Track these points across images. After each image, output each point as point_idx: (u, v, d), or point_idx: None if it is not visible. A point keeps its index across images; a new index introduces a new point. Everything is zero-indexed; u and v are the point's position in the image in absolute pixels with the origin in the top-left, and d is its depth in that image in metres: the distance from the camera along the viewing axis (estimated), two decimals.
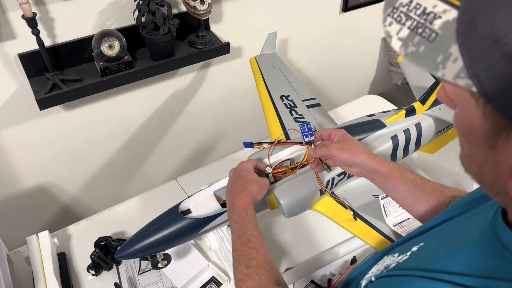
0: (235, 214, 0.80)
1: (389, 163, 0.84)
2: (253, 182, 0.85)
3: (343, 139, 0.88)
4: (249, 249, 0.73)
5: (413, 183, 0.81)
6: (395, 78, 2.33)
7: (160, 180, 1.91)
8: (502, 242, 0.43)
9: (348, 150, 0.85)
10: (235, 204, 0.82)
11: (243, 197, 0.82)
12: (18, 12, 1.19)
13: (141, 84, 1.59)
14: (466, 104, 0.37)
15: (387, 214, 0.99)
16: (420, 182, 0.81)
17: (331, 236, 1.20)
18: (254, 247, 0.74)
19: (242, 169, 0.89)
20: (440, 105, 1.15)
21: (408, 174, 0.82)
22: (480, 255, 0.45)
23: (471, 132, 0.39)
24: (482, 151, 0.38)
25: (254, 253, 0.73)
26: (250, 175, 0.87)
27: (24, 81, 1.35)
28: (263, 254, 0.73)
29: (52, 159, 1.60)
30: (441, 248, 0.52)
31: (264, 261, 0.71)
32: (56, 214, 1.77)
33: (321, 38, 2.01)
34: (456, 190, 0.81)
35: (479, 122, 0.37)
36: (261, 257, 0.72)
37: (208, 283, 1.12)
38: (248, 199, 0.82)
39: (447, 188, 0.81)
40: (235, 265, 0.74)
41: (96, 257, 1.10)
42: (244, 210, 0.80)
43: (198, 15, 1.40)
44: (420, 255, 0.54)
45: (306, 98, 1.25)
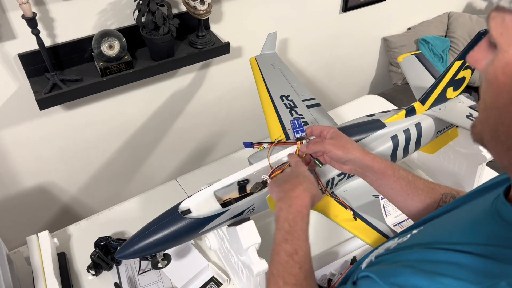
0: (290, 211, 0.74)
1: (382, 160, 0.84)
2: (315, 186, 0.81)
3: (337, 136, 0.88)
4: (294, 263, 0.68)
5: (406, 180, 0.82)
6: (395, 78, 2.33)
7: (160, 180, 1.91)
8: (501, 215, 0.45)
9: (342, 147, 0.85)
10: (294, 200, 0.76)
11: (303, 196, 0.76)
12: (18, 12, 1.19)
13: (141, 84, 1.59)
14: (511, 38, 0.38)
15: (387, 214, 0.99)
16: (412, 179, 0.82)
17: (331, 236, 1.20)
18: (299, 262, 0.68)
19: (305, 171, 0.85)
20: (440, 105, 1.15)
21: (400, 171, 0.83)
22: (480, 228, 0.46)
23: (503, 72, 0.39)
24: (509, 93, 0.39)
25: (297, 269, 0.68)
26: (311, 178, 0.82)
27: (24, 81, 1.35)
28: (306, 272, 0.68)
29: (52, 159, 1.60)
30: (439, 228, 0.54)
31: (305, 281, 0.67)
32: (56, 214, 1.77)
33: (321, 38, 2.01)
34: (447, 188, 0.82)
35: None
36: (303, 276, 0.67)
37: (208, 283, 1.12)
38: (308, 202, 0.76)
39: (439, 186, 0.82)
40: (273, 271, 0.70)
41: (96, 257, 1.10)
42: (301, 213, 0.74)
43: (198, 15, 1.40)
44: (421, 235, 0.55)
45: (306, 98, 1.25)
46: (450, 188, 0.81)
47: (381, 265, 0.52)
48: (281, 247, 0.71)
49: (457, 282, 0.41)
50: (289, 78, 1.31)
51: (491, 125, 0.43)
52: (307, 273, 0.68)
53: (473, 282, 0.41)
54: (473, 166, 1.20)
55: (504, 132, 0.42)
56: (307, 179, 0.81)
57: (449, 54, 2.29)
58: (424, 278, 0.44)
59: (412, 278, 0.45)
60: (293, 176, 0.82)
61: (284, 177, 0.84)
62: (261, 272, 0.93)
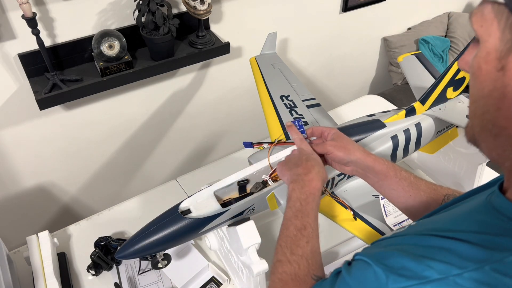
0: (302, 192, 0.77)
1: (384, 161, 0.84)
2: (324, 169, 0.84)
3: (338, 137, 0.88)
4: (302, 236, 0.71)
5: (408, 181, 0.82)
6: (395, 78, 2.33)
7: (160, 180, 1.91)
8: (494, 206, 0.47)
9: (344, 148, 0.85)
10: (306, 182, 0.79)
11: (316, 180, 0.80)
12: (18, 12, 1.19)
13: (141, 84, 1.59)
14: (489, 28, 0.41)
15: (387, 214, 0.99)
16: (415, 181, 0.82)
17: (331, 236, 1.20)
18: (307, 236, 0.72)
19: (313, 153, 0.87)
20: (440, 105, 1.15)
21: (402, 173, 0.83)
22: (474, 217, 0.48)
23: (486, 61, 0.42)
24: (491, 79, 0.42)
25: (304, 242, 0.71)
26: (320, 162, 0.85)
27: (24, 81, 1.35)
28: (312, 246, 0.71)
29: (52, 159, 1.60)
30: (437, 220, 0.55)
31: (310, 254, 0.70)
32: (56, 214, 1.77)
33: (321, 38, 2.01)
34: (449, 189, 0.81)
35: (497, 44, 0.40)
36: (309, 249, 0.71)
37: (208, 283, 1.12)
38: (320, 185, 0.80)
39: (441, 187, 0.82)
40: (280, 243, 0.72)
41: (96, 257, 1.10)
42: (313, 195, 0.77)
43: (198, 15, 1.40)
44: (417, 225, 0.56)
45: (306, 98, 1.25)
46: (452, 190, 0.81)
47: (375, 249, 0.53)
48: (291, 222, 0.74)
49: (444, 265, 0.43)
50: (289, 78, 1.31)
51: (479, 116, 0.45)
52: (313, 248, 0.71)
53: (459, 266, 0.42)
54: (473, 166, 1.20)
55: (491, 120, 0.43)
56: (317, 163, 0.84)
57: (449, 54, 2.29)
58: (412, 260, 0.45)
59: (401, 259, 0.47)
60: (304, 159, 0.84)
61: (294, 160, 0.85)
62: (261, 272, 0.93)
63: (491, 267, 0.41)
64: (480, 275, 0.41)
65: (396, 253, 0.48)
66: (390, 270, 0.46)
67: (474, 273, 0.41)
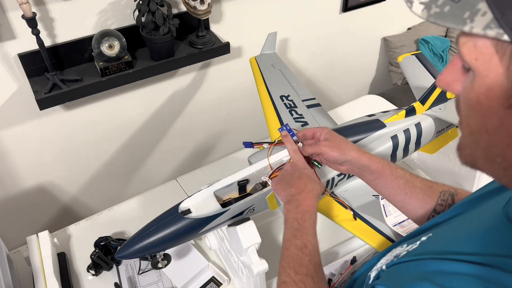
0: (298, 211, 0.77)
1: (379, 160, 0.84)
2: (317, 184, 0.83)
3: (331, 137, 0.87)
4: (303, 255, 0.71)
5: (404, 179, 0.81)
6: (395, 78, 2.33)
7: (160, 180, 1.91)
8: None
9: (338, 148, 0.85)
10: (301, 202, 0.79)
11: (311, 198, 0.80)
12: (18, 12, 1.19)
13: (141, 84, 1.59)
14: (488, 63, 0.37)
15: (387, 214, 0.99)
16: (410, 178, 0.82)
17: (331, 236, 1.20)
18: (309, 255, 0.72)
19: (305, 168, 0.87)
20: (440, 105, 1.15)
21: (398, 171, 0.82)
22: (492, 237, 0.45)
23: (487, 96, 0.38)
24: (498, 116, 0.38)
25: (307, 261, 0.71)
26: (313, 176, 0.85)
27: (24, 81, 1.35)
28: (315, 264, 0.71)
29: (52, 159, 1.60)
30: (451, 236, 0.53)
31: (315, 272, 0.70)
32: (56, 214, 1.77)
33: (321, 38, 2.01)
34: (445, 185, 0.81)
35: (500, 80, 0.37)
36: (313, 267, 0.70)
37: (208, 283, 1.12)
38: (315, 202, 0.79)
39: (436, 184, 0.82)
40: (283, 265, 0.72)
41: (96, 257, 1.10)
42: (309, 212, 0.77)
43: (198, 15, 1.40)
44: (430, 242, 0.54)
45: (306, 98, 1.25)
46: (448, 186, 0.81)
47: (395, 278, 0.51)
48: (291, 242, 0.74)
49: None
50: (289, 78, 1.31)
51: (483, 149, 0.42)
52: (317, 265, 0.71)
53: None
54: None
55: (500, 155, 0.41)
56: (310, 179, 0.83)
57: (449, 54, 2.29)
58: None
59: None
60: (296, 177, 0.83)
61: (287, 179, 0.85)
62: (261, 272, 0.93)
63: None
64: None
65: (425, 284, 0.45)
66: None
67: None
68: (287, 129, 0.95)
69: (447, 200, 0.78)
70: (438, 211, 0.79)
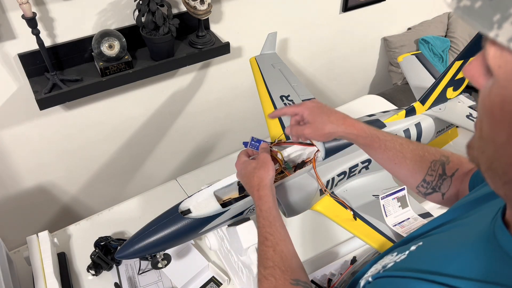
0: (256, 213, 0.79)
1: (367, 134, 0.83)
2: (254, 172, 0.83)
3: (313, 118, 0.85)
4: (266, 248, 0.72)
5: (393, 151, 0.81)
6: (395, 78, 2.33)
7: (160, 180, 1.91)
8: (500, 244, 0.43)
9: (322, 130, 0.83)
10: (255, 197, 0.80)
11: (253, 193, 0.81)
12: (18, 12, 1.19)
13: (141, 84, 1.59)
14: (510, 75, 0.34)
15: (387, 214, 0.99)
16: (400, 148, 0.81)
17: (331, 236, 1.20)
18: (271, 245, 0.72)
19: (240, 168, 0.88)
20: (440, 105, 1.15)
21: (387, 143, 0.82)
22: (478, 257, 0.44)
23: (501, 109, 0.36)
24: (507, 131, 0.36)
25: (271, 252, 0.71)
26: (248, 167, 0.85)
27: (24, 81, 1.35)
28: (280, 252, 0.71)
29: (52, 159, 1.60)
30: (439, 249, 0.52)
31: (281, 260, 0.70)
32: (56, 214, 1.77)
33: (321, 38, 2.01)
34: (437, 153, 0.81)
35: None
36: (278, 256, 0.71)
37: (208, 283, 1.12)
38: (266, 190, 0.80)
39: (428, 152, 0.81)
40: (257, 264, 0.74)
41: (96, 257, 1.10)
42: (258, 207, 0.79)
43: (198, 15, 1.40)
44: (418, 255, 0.53)
45: (306, 98, 1.25)
46: (440, 154, 0.81)
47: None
48: (258, 241, 0.75)
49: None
50: (289, 78, 1.31)
51: (488, 158, 0.41)
52: (283, 254, 0.71)
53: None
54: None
55: (501, 168, 0.39)
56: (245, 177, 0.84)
57: (449, 54, 2.29)
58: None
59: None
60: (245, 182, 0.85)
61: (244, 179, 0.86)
62: None
63: None
64: None
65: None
66: None
67: None
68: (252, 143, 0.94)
69: (437, 170, 0.79)
70: (428, 181, 0.80)
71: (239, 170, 0.88)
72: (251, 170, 0.84)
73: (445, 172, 0.78)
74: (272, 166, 0.83)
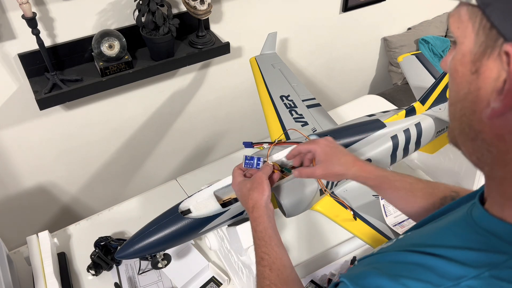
0: (252, 235, 0.80)
1: (376, 176, 0.83)
2: (248, 194, 0.83)
3: (324, 158, 0.85)
4: (263, 268, 0.73)
5: (403, 191, 0.81)
6: (395, 78, 2.33)
7: (160, 180, 1.91)
8: (474, 219, 0.46)
9: (331, 172, 0.84)
10: (252, 218, 0.81)
11: (249, 214, 0.81)
12: (18, 12, 1.19)
13: (141, 84, 1.59)
14: (464, 30, 0.40)
15: (387, 214, 0.99)
16: (410, 187, 0.81)
17: (331, 236, 1.20)
18: (267, 265, 0.73)
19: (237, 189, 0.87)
20: (440, 105, 1.15)
21: (396, 183, 0.82)
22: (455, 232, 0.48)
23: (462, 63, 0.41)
24: (467, 82, 0.41)
25: (267, 272, 0.72)
26: (244, 188, 0.84)
27: (24, 81, 1.35)
28: (277, 270, 0.72)
29: (52, 159, 1.60)
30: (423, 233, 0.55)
31: (277, 278, 0.71)
32: (56, 214, 1.77)
33: (321, 38, 2.01)
34: (446, 188, 0.81)
35: (471, 47, 0.40)
36: (274, 274, 0.71)
37: (208, 283, 1.12)
38: (261, 211, 0.80)
39: (437, 189, 0.81)
40: (256, 284, 0.75)
41: (96, 257, 1.10)
42: (253, 228, 0.79)
43: (198, 15, 1.40)
44: (404, 239, 0.55)
45: (306, 98, 1.25)
46: (449, 189, 0.81)
47: (355, 269, 0.53)
48: (256, 261, 0.76)
49: (420, 284, 0.42)
50: (289, 78, 1.31)
51: (457, 119, 0.44)
52: (279, 271, 0.72)
53: (434, 284, 0.41)
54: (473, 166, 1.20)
55: (467, 123, 0.43)
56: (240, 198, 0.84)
57: None
58: (388, 279, 0.45)
59: (377, 279, 0.46)
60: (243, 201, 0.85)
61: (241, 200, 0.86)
62: None
63: (468, 283, 0.40)
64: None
65: (373, 272, 0.47)
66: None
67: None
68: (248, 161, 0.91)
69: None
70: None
71: (236, 191, 0.88)
72: (246, 192, 0.84)
73: None
74: (267, 186, 0.83)
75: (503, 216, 0.43)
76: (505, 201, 0.43)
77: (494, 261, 0.40)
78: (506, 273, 0.39)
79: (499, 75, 0.38)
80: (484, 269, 0.40)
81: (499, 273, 0.39)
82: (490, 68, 0.38)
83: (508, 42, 0.36)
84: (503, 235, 0.42)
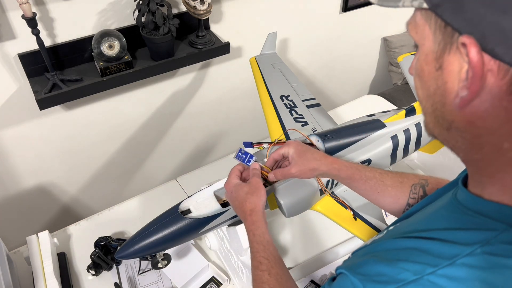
0: (249, 239, 0.81)
1: (349, 166, 0.87)
2: (246, 197, 0.83)
3: (298, 157, 0.87)
4: (261, 272, 0.74)
5: (374, 180, 0.85)
6: (395, 78, 2.33)
7: (160, 180, 1.91)
8: (459, 200, 0.49)
9: (307, 168, 0.86)
10: (247, 222, 0.82)
11: (246, 218, 0.82)
12: (18, 12, 1.19)
13: (141, 84, 1.59)
14: (422, 33, 0.44)
15: (387, 214, 0.99)
16: (380, 177, 0.85)
17: (331, 236, 1.20)
18: (266, 269, 0.74)
19: (231, 191, 0.87)
20: None
21: (367, 173, 0.86)
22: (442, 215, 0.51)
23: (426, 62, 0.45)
24: (434, 78, 0.44)
25: (266, 276, 0.73)
26: (240, 191, 0.85)
27: (24, 81, 1.35)
28: (276, 274, 0.73)
29: (52, 159, 1.60)
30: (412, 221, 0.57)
31: (277, 283, 0.72)
32: (56, 214, 1.77)
33: (321, 38, 2.01)
34: (416, 177, 0.85)
35: (431, 46, 0.43)
36: (273, 279, 0.72)
37: (208, 283, 1.12)
38: (251, 219, 0.81)
39: (407, 177, 0.85)
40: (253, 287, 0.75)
41: (96, 257, 1.10)
42: (251, 232, 0.80)
43: (198, 15, 1.40)
44: (395, 229, 0.58)
45: (306, 98, 1.25)
46: (418, 177, 0.84)
47: (352, 259, 0.55)
48: (252, 265, 0.76)
49: (418, 265, 0.44)
50: (289, 78, 1.31)
51: (430, 114, 0.48)
52: (278, 276, 0.73)
53: (432, 265, 0.43)
54: None
55: (440, 115, 0.46)
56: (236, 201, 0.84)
57: None
58: (387, 265, 0.47)
59: (376, 266, 0.48)
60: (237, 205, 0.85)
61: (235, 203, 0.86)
62: None
63: (463, 261, 0.42)
64: (452, 270, 0.42)
65: (371, 260, 0.49)
66: (366, 279, 0.47)
67: (446, 269, 0.43)
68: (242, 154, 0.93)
69: (419, 192, 0.83)
70: (411, 204, 0.83)
71: (230, 192, 0.88)
72: (243, 195, 0.84)
73: (426, 193, 0.82)
74: (264, 191, 0.85)
75: (483, 194, 0.46)
76: (485, 180, 0.47)
77: (485, 238, 0.43)
78: (496, 248, 0.42)
79: (461, 66, 0.41)
80: (476, 246, 0.42)
81: (490, 248, 0.42)
82: (451, 62, 0.42)
83: (462, 34, 0.39)
84: (489, 213, 0.45)
